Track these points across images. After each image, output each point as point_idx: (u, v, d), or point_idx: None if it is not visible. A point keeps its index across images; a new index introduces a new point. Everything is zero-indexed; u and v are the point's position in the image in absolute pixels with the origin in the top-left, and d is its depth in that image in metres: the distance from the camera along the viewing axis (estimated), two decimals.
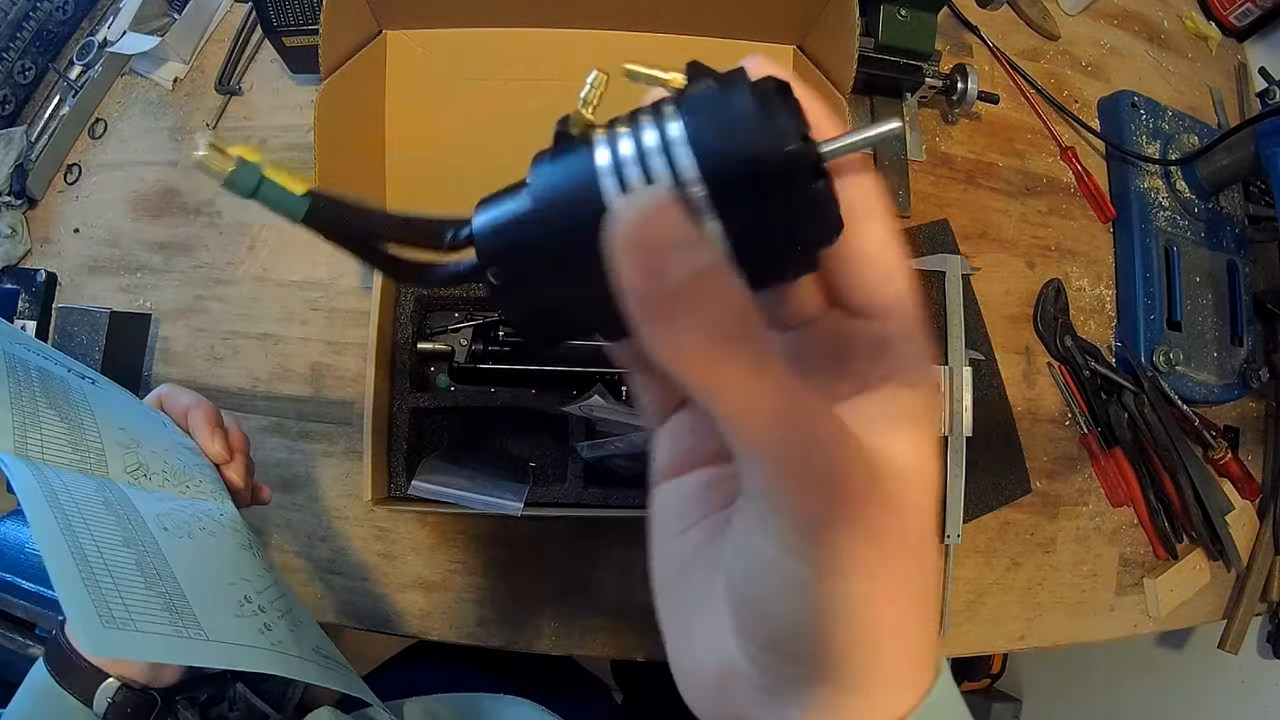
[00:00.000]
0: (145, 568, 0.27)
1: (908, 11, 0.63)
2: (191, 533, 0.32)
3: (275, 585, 0.34)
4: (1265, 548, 0.70)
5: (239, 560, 0.33)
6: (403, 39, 0.51)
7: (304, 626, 0.34)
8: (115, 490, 0.31)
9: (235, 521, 0.36)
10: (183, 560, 0.29)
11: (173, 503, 0.33)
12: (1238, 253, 0.74)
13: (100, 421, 0.34)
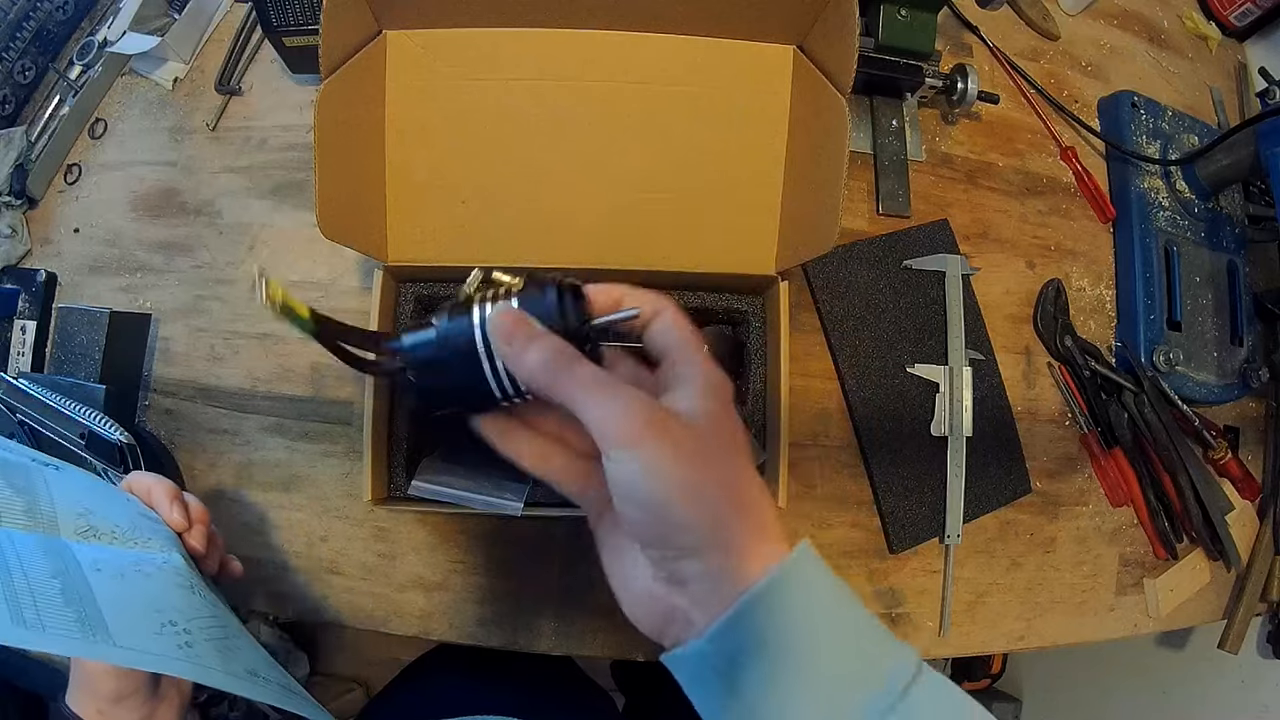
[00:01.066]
0: (68, 593, 0.32)
1: (908, 11, 0.63)
2: (124, 573, 0.36)
3: (213, 618, 0.37)
4: (1265, 548, 0.71)
5: (171, 596, 0.37)
6: (403, 39, 0.51)
7: (238, 651, 0.37)
8: (58, 543, 0.36)
9: (179, 568, 0.39)
10: (107, 592, 0.34)
11: (112, 552, 0.37)
12: (1238, 253, 0.74)
13: (55, 495, 0.39)
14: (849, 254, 0.65)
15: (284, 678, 0.38)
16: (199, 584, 0.40)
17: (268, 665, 0.38)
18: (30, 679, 0.52)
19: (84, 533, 0.37)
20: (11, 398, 0.53)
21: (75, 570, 0.34)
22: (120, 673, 0.34)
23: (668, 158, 0.55)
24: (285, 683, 0.38)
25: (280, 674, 0.38)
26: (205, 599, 0.39)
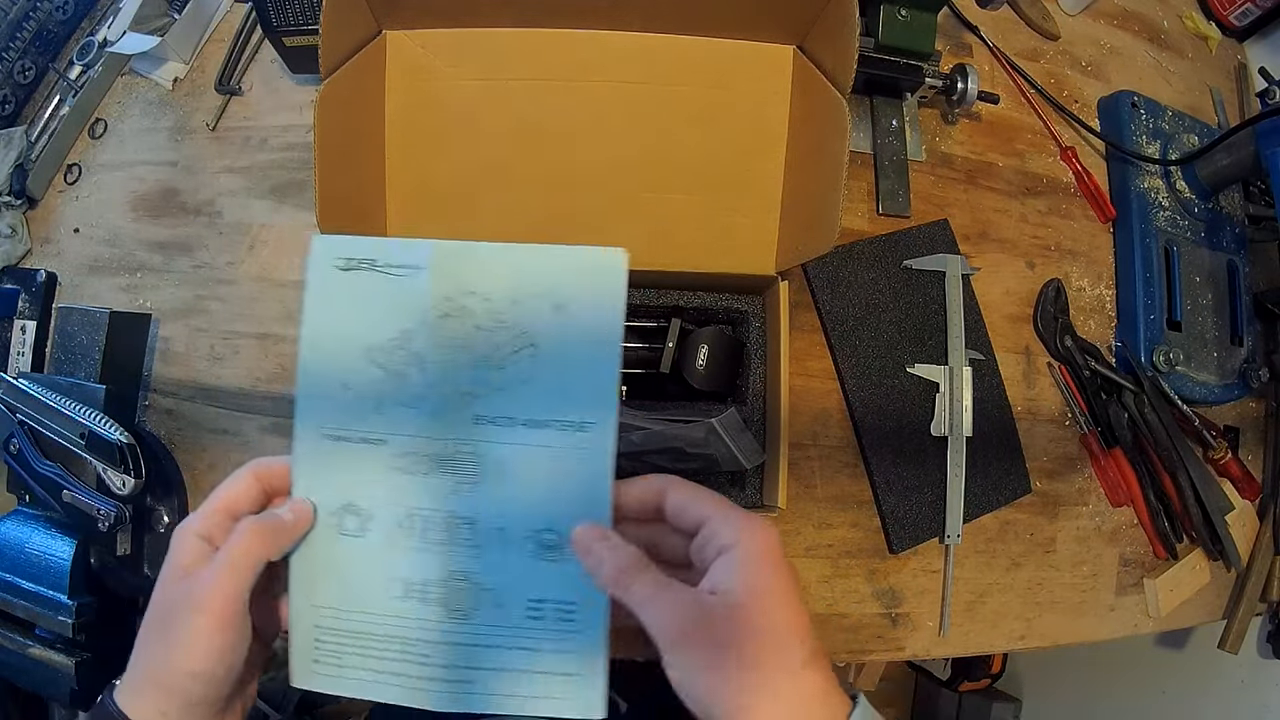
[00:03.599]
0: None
1: (908, 11, 0.63)
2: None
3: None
4: (1265, 548, 0.71)
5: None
6: (403, 39, 0.51)
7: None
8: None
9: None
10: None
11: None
12: (1238, 253, 0.74)
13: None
14: (849, 254, 0.65)
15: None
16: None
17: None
18: (30, 679, 0.52)
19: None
20: (11, 398, 0.53)
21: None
22: (212, 678, 0.31)
23: (668, 158, 0.55)
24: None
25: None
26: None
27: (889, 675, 1.46)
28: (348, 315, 0.35)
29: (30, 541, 0.53)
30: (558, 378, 0.35)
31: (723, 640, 0.28)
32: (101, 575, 0.53)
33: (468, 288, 0.35)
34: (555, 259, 0.34)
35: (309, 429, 0.36)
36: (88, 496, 0.52)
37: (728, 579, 0.29)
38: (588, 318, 0.34)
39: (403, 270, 0.35)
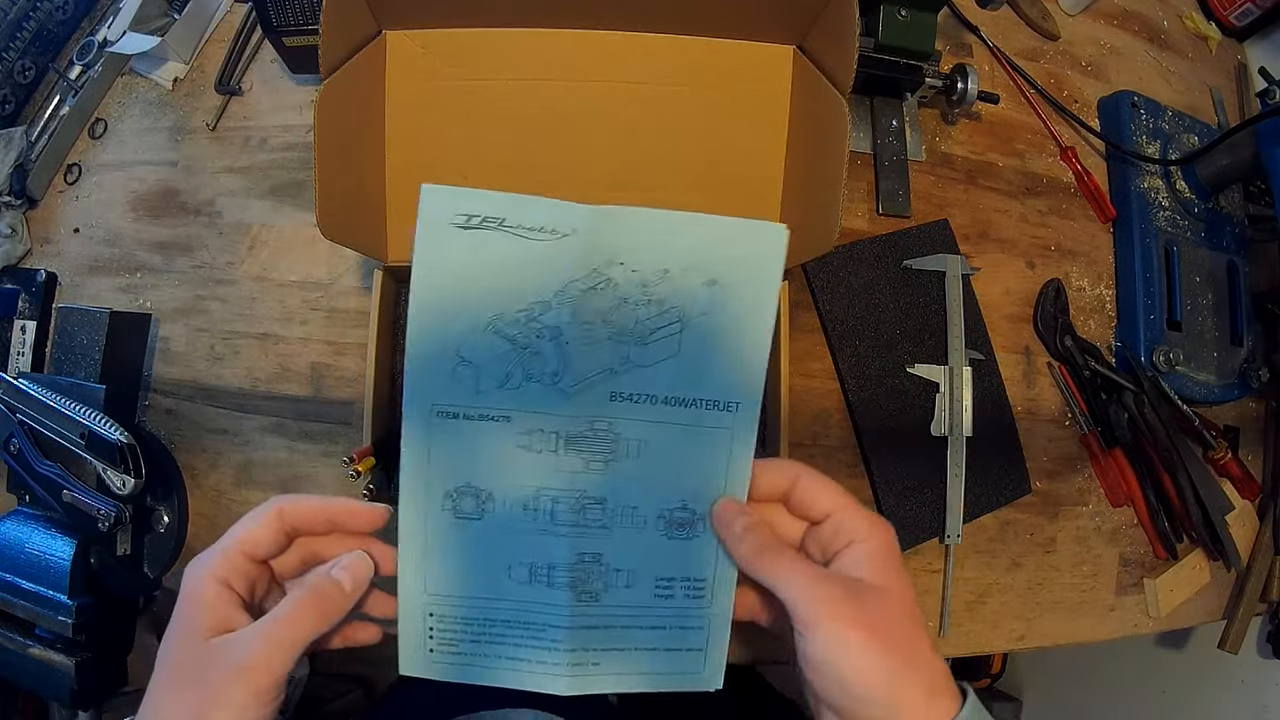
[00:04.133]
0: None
1: (908, 11, 0.63)
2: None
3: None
4: (1265, 548, 0.70)
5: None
6: (403, 39, 0.51)
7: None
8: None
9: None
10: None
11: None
12: (1238, 253, 0.74)
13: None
14: (849, 254, 0.65)
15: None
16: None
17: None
18: (30, 679, 0.52)
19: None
20: (11, 398, 0.53)
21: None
22: (263, 698, 0.29)
23: (668, 158, 0.55)
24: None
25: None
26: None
27: None
28: (467, 281, 0.31)
29: (30, 541, 0.53)
30: (706, 356, 0.33)
31: (871, 623, 0.29)
32: (101, 575, 0.53)
33: (615, 257, 0.31)
34: (712, 230, 0.32)
35: (419, 405, 0.33)
36: (88, 496, 0.52)
37: (859, 569, 0.31)
38: (742, 295, 0.32)
39: (540, 234, 0.31)
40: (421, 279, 0.31)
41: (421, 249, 0.30)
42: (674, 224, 0.32)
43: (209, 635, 0.30)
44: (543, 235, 0.31)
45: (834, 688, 0.29)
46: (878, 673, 0.29)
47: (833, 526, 0.33)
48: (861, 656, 0.29)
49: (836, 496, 0.33)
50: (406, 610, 0.35)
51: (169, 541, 0.59)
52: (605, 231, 0.31)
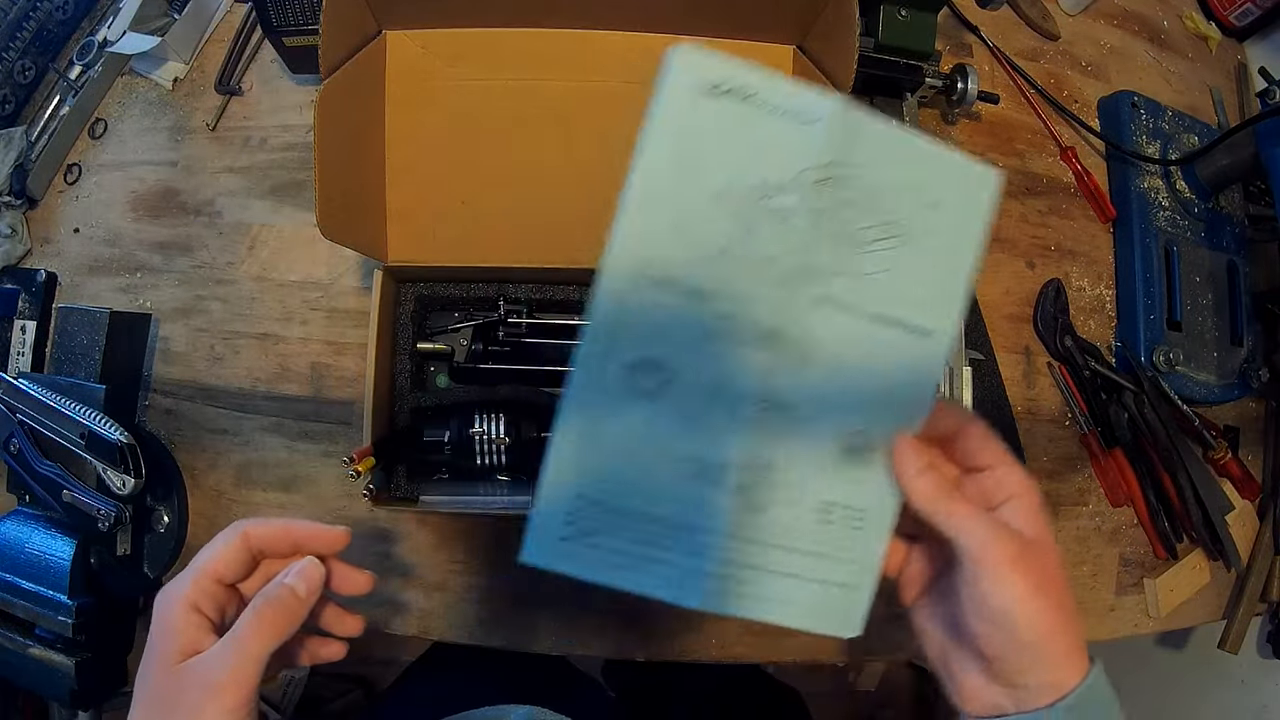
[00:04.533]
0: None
1: (908, 11, 0.63)
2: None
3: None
4: (1265, 548, 0.70)
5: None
6: (403, 39, 0.51)
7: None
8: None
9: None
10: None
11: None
12: (1238, 253, 0.74)
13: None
14: None
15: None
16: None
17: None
18: (30, 679, 0.52)
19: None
20: (11, 398, 0.53)
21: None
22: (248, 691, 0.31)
23: None
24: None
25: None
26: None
27: (889, 675, 1.46)
28: (702, 147, 0.30)
29: (30, 541, 0.53)
30: (916, 277, 0.32)
31: (1041, 575, 0.30)
32: (101, 575, 0.53)
33: (853, 158, 0.31)
34: (938, 158, 0.32)
35: (625, 265, 0.30)
36: (88, 496, 0.52)
37: (1018, 522, 0.32)
38: (956, 224, 0.32)
39: (789, 115, 0.30)
40: (655, 139, 0.30)
41: (661, 108, 0.30)
42: (908, 142, 0.31)
43: (179, 659, 0.31)
44: (790, 116, 0.30)
45: (997, 630, 0.30)
46: (1041, 622, 0.30)
47: (994, 479, 0.33)
48: (1029, 605, 0.30)
49: (1000, 450, 0.33)
50: (550, 489, 0.32)
51: (169, 541, 0.59)
52: (847, 129, 0.30)
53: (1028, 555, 0.30)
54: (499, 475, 0.54)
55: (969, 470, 0.34)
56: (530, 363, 0.57)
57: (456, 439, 0.52)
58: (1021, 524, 0.31)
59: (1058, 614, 0.30)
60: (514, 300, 0.57)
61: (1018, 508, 0.32)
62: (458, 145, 0.53)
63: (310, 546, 0.35)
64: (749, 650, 0.60)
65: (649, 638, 0.59)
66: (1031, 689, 0.31)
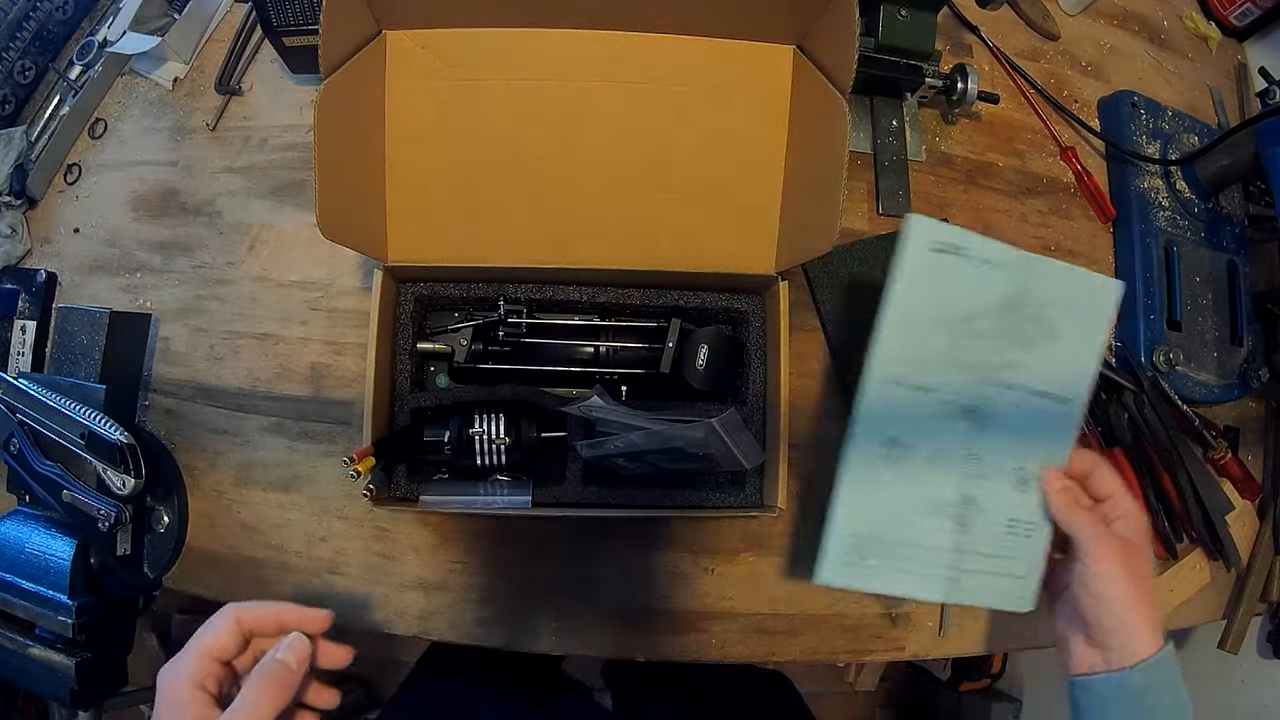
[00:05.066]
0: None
1: (908, 11, 0.63)
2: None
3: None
4: (1265, 548, 0.70)
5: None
6: (403, 39, 0.51)
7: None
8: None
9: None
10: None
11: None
12: (1238, 253, 0.74)
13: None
14: (849, 254, 0.65)
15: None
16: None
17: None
18: (30, 679, 0.52)
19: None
20: (11, 398, 0.53)
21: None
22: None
23: (668, 158, 0.55)
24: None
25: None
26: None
27: (889, 675, 1.46)
28: (931, 290, 0.45)
29: (30, 541, 0.53)
30: (1059, 362, 0.47)
31: (1132, 567, 0.44)
32: (101, 575, 0.53)
33: (1026, 289, 0.46)
34: (1080, 279, 0.47)
35: (879, 375, 0.45)
36: (88, 496, 0.52)
37: (1125, 533, 0.45)
38: (1088, 323, 0.48)
39: (985, 264, 0.45)
40: (902, 284, 0.45)
41: (905, 262, 0.44)
42: (1060, 272, 0.47)
43: None
44: (986, 266, 0.45)
45: (1096, 606, 0.43)
46: (1128, 601, 0.43)
47: (1112, 503, 0.47)
48: (1121, 586, 0.43)
49: (1118, 484, 0.47)
50: (837, 529, 0.46)
51: (169, 541, 0.59)
52: (1024, 271, 0.46)
53: (1126, 553, 0.44)
54: (499, 475, 0.54)
55: (1098, 499, 0.47)
56: (530, 363, 0.57)
57: (456, 439, 0.52)
58: (1126, 533, 0.45)
59: (1142, 598, 0.43)
60: (514, 300, 0.57)
61: (1126, 524, 0.46)
62: (458, 145, 0.53)
63: (295, 628, 0.39)
64: (749, 650, 0.60)
65: (649, 638, 0.59)
66: (1118, 651, 0.43)
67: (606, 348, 0.57)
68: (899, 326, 0.45)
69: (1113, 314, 0.47)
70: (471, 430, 0.52)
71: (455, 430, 0.53)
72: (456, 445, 0.53)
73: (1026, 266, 0.46)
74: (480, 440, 0.52)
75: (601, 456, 0.53)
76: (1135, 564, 0.44)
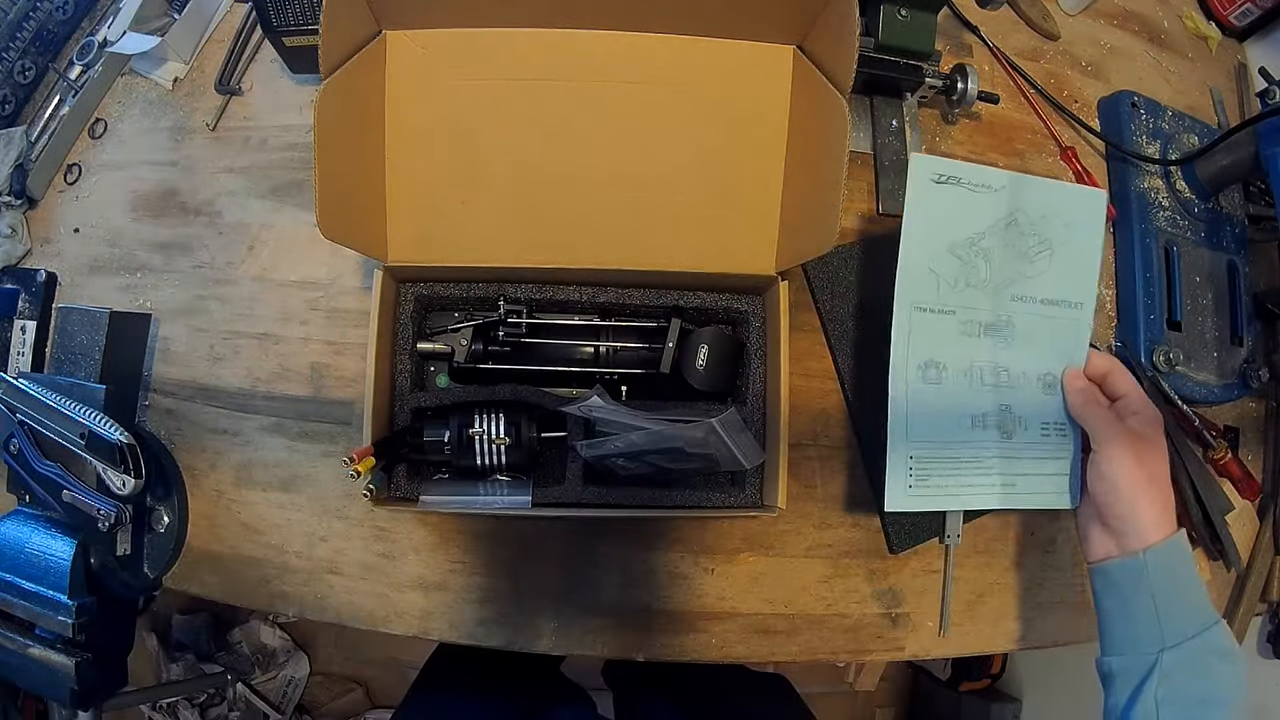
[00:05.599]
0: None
1: (908, 11, 0.63)
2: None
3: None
4: (1265, 548, 0.70)
5: None
6: (403, 39, 0.51)
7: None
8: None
9: None
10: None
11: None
12: (1238, 253, 0.74)
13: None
14: (849, 254, 0.65)
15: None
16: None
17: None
18: (30, 679, 0.52)
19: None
20: (11, 398, 0.53)
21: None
22: None
23: (668, 158, 0.55)
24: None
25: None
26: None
27: (889, 675, 1.46)
28: (937, 217, 0.51)
29: (30, 541, 0.53)
30: (1063, 271, 0.54)
31: (1137, 454, 0.48)
32: (101, 575, 0.53)
33: (1020, 206, 0.53)
34: (1070, 190, 0.55)
35: (905, 303, 0.52)
36: (88, 496, 0.52)
37: (1135, 425, 0.49)
38: (1084, 232, 0.54)
39: (981, 188, 0.52)
40: (911, 217, 0.51)
41: (911, 197, 0.50)
42: (1048, 187, 0.54)
43: None
44: (982, 189, 0.52)
45: (1108, 494, 0.48)
46: (1133, 482, 0.47)
47: (1125, 401, 0.51)
48: (1125, 468, 0.47)
49: (1131, 383, 0.51)
50: (895, 459, 0.51)
51: (169, 541, 0.59)
52: (1013, 189, 0.52)
53: (1137, 446, 0.48)
54: (499, 475, 0.55)
55: (1113, 397, 0.52)
56: (530, 363, 0.57)
57: (456, 439, 0.53)
58: (1139, 427, 0.49)
59: (1149, 484, 0.47)
60: (514, 300, 0.57)
61: (1139, 418, 0.49)
62: (458, 145, 0.53)
63: None
64: (749, 650, 0.60)
65: (649, 638, 0.59)
66: (1129, 536, 0.47)
67: (606, 348, 0.57)
68: (915, 254, 0.51)
69: (1104, 218, 0.54)
70: (471, 430, 0.52)
71: (455, 430, 0.53)
72: (456, 445, 0.53)
73: (1018, 185, 0.53)
74: (480, 440, 0.52)
75: (601, 456, 0.53)
76: (1146, 455, 0.48)
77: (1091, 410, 0.50)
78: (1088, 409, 0.51)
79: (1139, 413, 0.50)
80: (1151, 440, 0.49)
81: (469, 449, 0.53)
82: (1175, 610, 0.47)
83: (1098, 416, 0.50)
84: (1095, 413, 0.50)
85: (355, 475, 0.47)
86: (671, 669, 0.76)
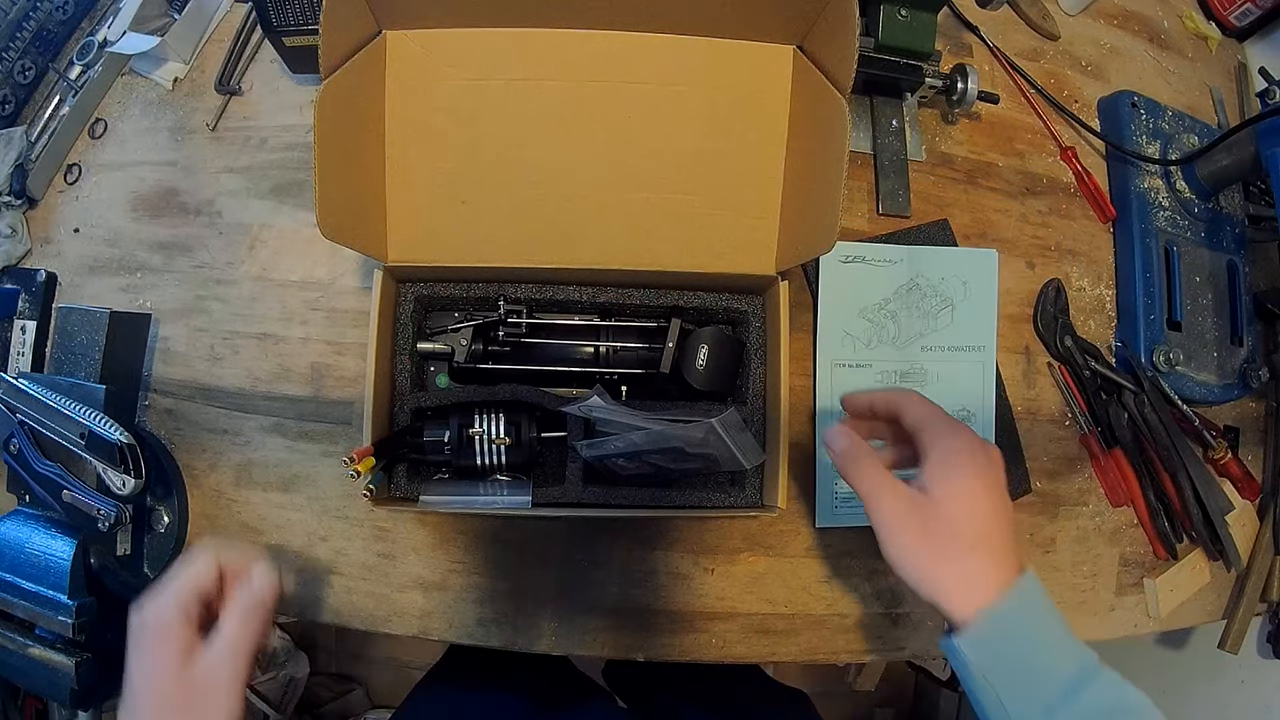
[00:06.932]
0: None
1: (908, 11, 0.63)
2: None
3: None
4: (1265, 548, 0.70)
5: None
6: (403, 39, 0.51)
7: None
8: None
9: None
10: None
11: None
12: (1238, 253, 0.74)
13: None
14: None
15: None
16: None
17: None
18: (30, 679, 0.52)
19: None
20: (11, 398, 0.53)
21: None
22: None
23: (668, 158, 0.55)
24: None
25: None
26: None
27: (889, 675, 1.46)
28: (846, 290, 0.62)
29: (30, 541, 0.53)
30: (965, 321, 0.64)
31: (922, 528, 0.39)
32: (101, 575, 0.53)
33: (919, 272, 0.63)
34: (960, 255, 0.65)
35: (825, 361, 0.62)
36: (88, 496, 0.52)
37: (923, 480, 0.41)
38: (979, 287, 0.64)
39: (883, 263, 0.63)
40: (825, 291, 0.62)
41: (824, 276, 0.62)
42: (942, 254, 0.64)
43: (183, 661, 0.37)
44: (884, 264, 0.63)
45: (892, 563, 0.40)
46: (926, 565, 0.39)
47: (921, 443, 0.43)
48: (913, 555, 0.39)
49: (926, 411, 0.44)
50: (821, 486, 0.60)
51: (169, 541, 0.59)
52: (913, 260, 0.63)
53: (915, 510, 0.39)
54: (499, 475, 0.55)
55: (911, 434, 0.44)
56: (530, 363, 0.57)
57: (456, 439, 0.53)
58: (927, 481, 0.40)
59: (934, 557, 0.39)
60: (514, 300, 0.57)
61: (929, 467, 0.41)
62: (458, 145, 0.53)
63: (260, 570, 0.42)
64: (749, 650, 0.60)
65: (649, 638, 0.59)
66: (947, 615, 0.39)
67: (606, 348, 0.57)
68: (830, 321, 0.61)
69: (995, 273, 0.64)
70: (471, 430, 0.52)
71: (455, 430, 0.53)
72: (456, 445, 0.53)
73: (915, 256, 0.63)
74: (480, 440, 0.52)
75: (601, 456, 0.53)
76: (933, 522, 0.38)
77: (851, 473, 0.42)
78: (848, 472, 0.42)
79: (932, 452, 0.41)
80: (938, 500, 0.39)
81: (469, 449, 0.53)
82: (1019, 694, 0.37)
83: (861, 481, 0.41)
84: (856, 476, 0.41)
85: (355, 475, 0.47)
86: (684, 675, 0.76)
